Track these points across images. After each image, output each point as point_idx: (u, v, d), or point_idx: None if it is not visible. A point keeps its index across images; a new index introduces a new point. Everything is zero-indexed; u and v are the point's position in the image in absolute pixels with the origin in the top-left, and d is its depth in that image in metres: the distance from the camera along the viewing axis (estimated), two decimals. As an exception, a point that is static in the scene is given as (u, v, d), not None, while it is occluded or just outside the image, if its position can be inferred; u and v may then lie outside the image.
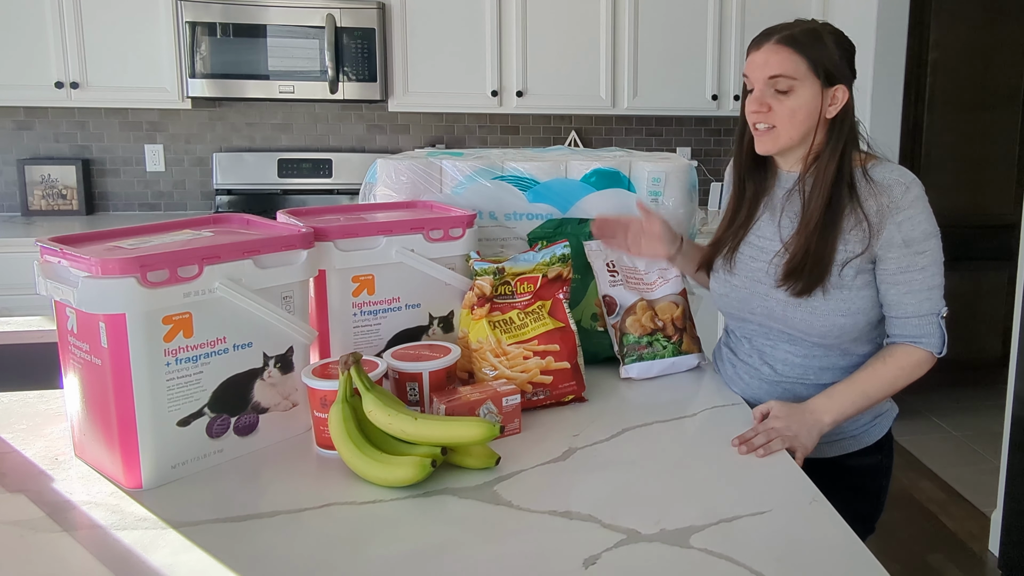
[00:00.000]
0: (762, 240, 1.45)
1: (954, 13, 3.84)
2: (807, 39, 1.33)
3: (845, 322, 1.37)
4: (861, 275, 1.36)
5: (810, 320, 1.39)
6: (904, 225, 1.32)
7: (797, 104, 1.33)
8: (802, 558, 0.95)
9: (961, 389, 4.03)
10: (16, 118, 3.70)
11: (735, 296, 1.48)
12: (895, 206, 1.32)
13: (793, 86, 1.33)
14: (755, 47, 1.37)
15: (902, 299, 1.35)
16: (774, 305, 1.42)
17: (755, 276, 1.44)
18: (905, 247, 1.32)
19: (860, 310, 1.37)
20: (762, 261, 1.43)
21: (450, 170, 1.59)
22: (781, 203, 1.44)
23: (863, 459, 1.50)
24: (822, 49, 1.33)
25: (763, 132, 1.38)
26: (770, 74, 1.34)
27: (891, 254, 1.33)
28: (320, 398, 1.18)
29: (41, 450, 1.21)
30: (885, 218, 1.32)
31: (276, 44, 3.43)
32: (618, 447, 1.24)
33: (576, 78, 3.71)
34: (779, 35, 1.34)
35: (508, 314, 1.39)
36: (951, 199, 3.92)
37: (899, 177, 1.34)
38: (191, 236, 1.21)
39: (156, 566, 0.92)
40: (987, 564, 2.74)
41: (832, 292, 1.36)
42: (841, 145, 1.35)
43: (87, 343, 1.09)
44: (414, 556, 0.95)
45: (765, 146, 1.39)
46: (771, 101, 1.35)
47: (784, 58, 1.33)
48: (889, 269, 1.34)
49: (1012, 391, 2.63)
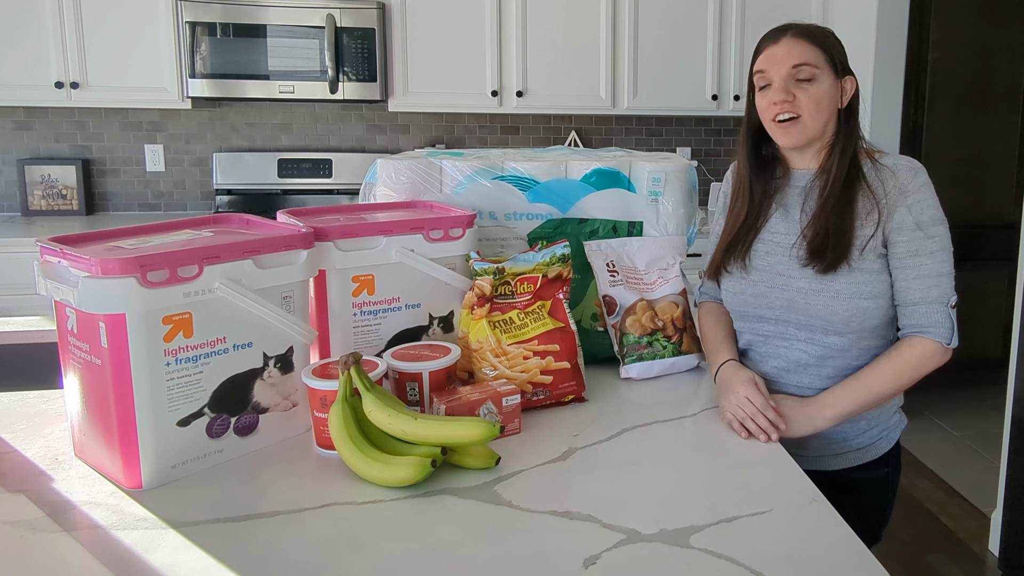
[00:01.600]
0: (776, 236, 1.44)
1: (954, 13, 3.84)
2: (819, 32, 1.39)
3: (868, 305, 1.37)
4: (879, 259, 1.37)
5: (833, 305, 1.37)
6: (914, 208, 1.34)
7: (821, 93, 1.37)
8: (802, 558, 0.95)
9: (961, 389, 4.03)
10: (16, 118, 3.70)
11: (752, 292, 1.45)
12: (905, 189, 1.35)
13: (816, 75, 1.36)
14: (772, 41, 1.39)
15: (911, 284, 1.35)
16: (795, 295, 1.40)
17: (774, 269, 1.43)
18: (915, 230, 1.34)
19: (881, 293, 1.37)
20: (779, 255, 1.43)
21: (450, 170, 1.59)
22: (799, 200, 1.43)
23: (869, 472, 1.48)
24: (832, 42, 1.40)
25: (789, 124, 1.38)
26: (794, 63, 1.36)
27: (902, 237, 1.35)
28: (320, 398, 1.18)
29: (41, 450, 1.21)
30: (896, 201, 1.35)
31: (276, 44, 3.43)
32: (618, 447, 1.24)
33: (576, 78, 3.71)
34: (795, 30, 1.39)
35: (508, 314, 1.39)
36: (951, 199, 3.87)
37: (907, 163, 1.37)
38: (191, 236, 1.21)
39: (156, 566, 0.92)
40: (987, 564, 2.74)
41: (854, 273, 1.36)
42: (855, 134, 1.40)
43: (87, 343, 1.09)
44: (414, 556, 0.95)
45: (792, 138, 1.39)
46: (795, 91, 1.36)
47: (805, 48, 1.36)
48: (899, 252, 1.35)
49: (1012, 391, 2.63)
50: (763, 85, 1.40)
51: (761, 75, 1.39)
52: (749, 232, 1.46)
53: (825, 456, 1.45)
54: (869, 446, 1.47)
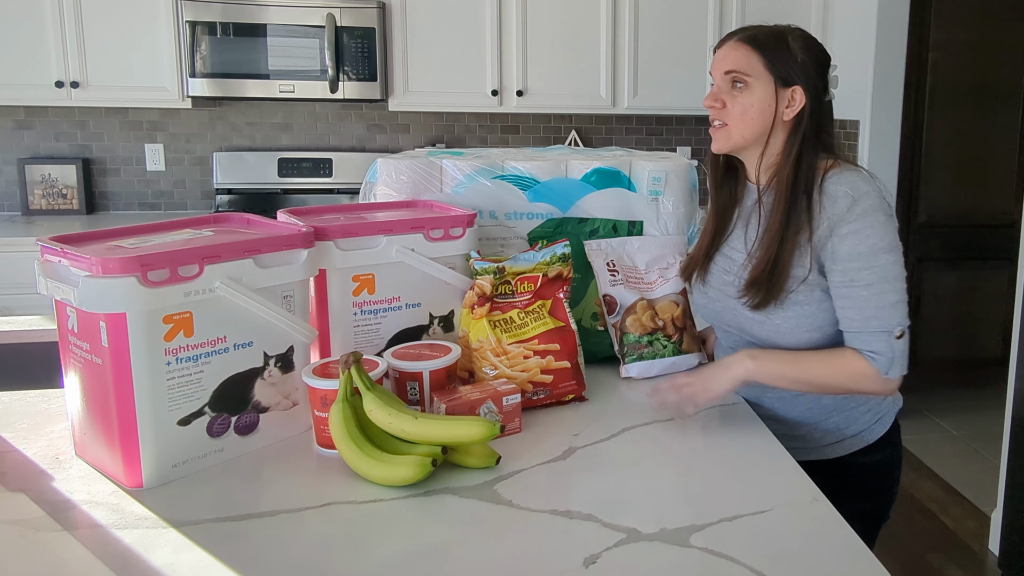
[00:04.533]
0: (733, 252, 1.43)
1: (954, 13, 3.83)
2: (768, 39, 1.34)
3: (812, 336, 1.34)
4: (817, 290, 1.32)
5: (775, 339, 1.36)
6: (849, 239, 1.27)
7: (749, 101, 1.34)
8: (802, 558, 0.95)
9: (961, 389, 4.03)
10: (16, 117, 3.70)
11: (711, 308, 1.48)
12: (839, 219, 1.28)
13: (747, 82, 1.33)
14: (719, 45, 1.40)
15: (847, 313, 1.30)
16: (743, 321, 1.40)
17: (726, 290, 1.42)
18: (849, 260, 1.27)
19: (826, 323, 1.33)
20: (732, 274, 1.42)
21: (450, 169, 1.59)
22: (747, 214, 1.43)
23: (872, 455, 1.47)
24: (782, 50, 1.33)
25: (716, 128, 1.39)
26: (726, 69, 1.35)
27: (836, 266, 1.29)
28: (320, 397, 1.18)
29: (42, 449, 1.21)
30: (829, 231, 1.28)
31: (276, 43, 3.43)
32: (618, 447, 1.24)
33: (576, 77, 3.71)
34: (742, 34, 1.37)
35: (508, 313, 1.39)
36: (951, 199, 3.91)
37: (848, 190, 1.29)
38: (191, 235, 1.21)
39: (156, 565, 0.92)
40: (987, 563, 2.75)
41: (792, 308, 1.33)
42: (796, 150, 1.33)
43: (88, 342, 1.09)
44: (414, 555, 0.95)
45: (718, 143, 1.40)
46: (725, 97, 1.36)
47: (741, 55, 1.34)
48: (835, 281, 1.30)
49: (1012, 391, 2.63)
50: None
51: (711, 76, 1.41)
52: (712, 243, 1.46)
53: (823, 446, 1.46)
54: (865, 430, 1.46)
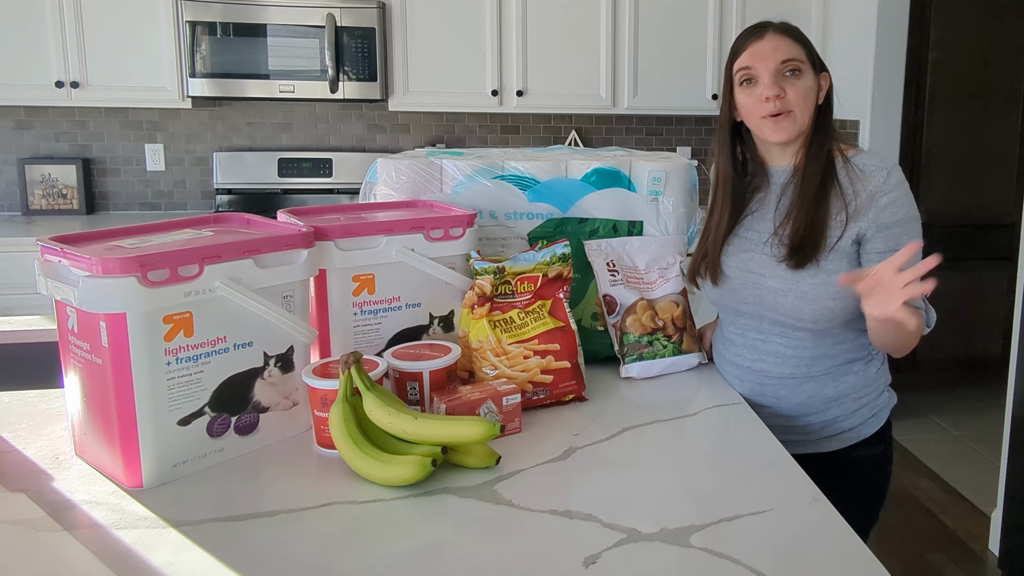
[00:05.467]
0: (751, 233, 1.47)
1: (954, 13, 3.84)
2: (796, 30, 1.42)
3: (834, 305, 1.38)
4: (844, 259, 1.37)
5: (800, 305, 1.39)
6: (889, 208, 1.34)
7: (807, 86, 1.39)
8: (802, 558, 0.95)
9: (961, 389, 4.03)
10: (16, 117, 3.70)
11: (726, 287, 1.49)
12: (878, 190, 1.35)
13: (803, 68, 1.38)
14: (756, 38, 1.40)
15: None
16: (765, 293, 1.43)
17: (746, 266, 1.45)
18: (892, 227, 1.35)
19: (847, 293, 1.36)
20: (752, 252, 1.45)
21: (450, 169, 1.59)
22: (775, 198, 1.45)
23: (866, 449, 1.50)
24: (807, 41, 1.43)
25: (781, 118, 1.38)
26: (783, 58, 1.37)
27: (880, 234, 1.35)
28: (320, 397, 1.18)
29: (42, 449, 1.21)
30: (867, 203, 1.35)
31: (276, 43, 3.43)
32: (618, 447, 1.24)
33: (576, 77, 3.71)
34: (775, 26, 1.41)
35: (508, 313, 1.39)
36: (951, 199, 3.92)
37: (878, 163, 1.38)
38: (191, 235, 1.21)
39: (156, 565, 0.92)
40: (987, 563, 2.75)
41: (820, 274, 1.37)
42: (830, 130, 1.42)
43: (88, 342, 1.09)
44: (414, 555, 0.95)
45: (784, 133, 1.39)
46: (785, 85, 1.38)
47: (790, 43, 1.39)
48: (877, 249, 1.36)
49: (1012, 391, 2.63)
50: (745, 81, 1.40)
51: (746, 71, 1.40)
52: (728, 228, 1.49)
53: (821, 439, 1.48)
54: (862, 424, 1.48)
